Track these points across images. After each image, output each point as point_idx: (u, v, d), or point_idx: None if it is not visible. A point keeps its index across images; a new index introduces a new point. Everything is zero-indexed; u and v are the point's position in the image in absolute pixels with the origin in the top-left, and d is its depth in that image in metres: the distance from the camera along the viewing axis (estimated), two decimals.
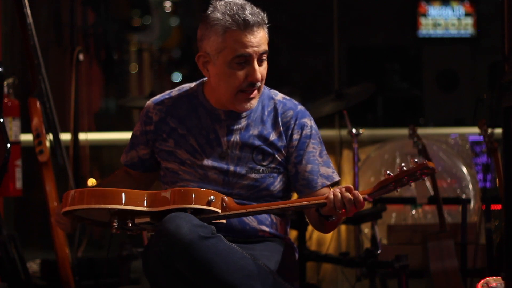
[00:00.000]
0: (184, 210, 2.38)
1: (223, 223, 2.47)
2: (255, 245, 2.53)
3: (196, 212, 2.39)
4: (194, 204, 2.38)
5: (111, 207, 2.38)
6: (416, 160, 2.33)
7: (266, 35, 2.52)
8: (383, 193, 2.38)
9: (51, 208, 3.80)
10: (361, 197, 2.35)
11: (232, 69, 2.50)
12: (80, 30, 5.63)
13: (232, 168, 2.56)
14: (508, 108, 2.16)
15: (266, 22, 2.52)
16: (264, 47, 2.51)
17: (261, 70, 2.52)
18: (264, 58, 2.52)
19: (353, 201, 2.35)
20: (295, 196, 2.74)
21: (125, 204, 2.38)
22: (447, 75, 6.38)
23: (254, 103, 2.56)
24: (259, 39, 2.49)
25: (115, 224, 2.42)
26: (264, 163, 2.57)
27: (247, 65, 2.50)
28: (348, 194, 2.35)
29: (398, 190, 2.37)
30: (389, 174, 2.35)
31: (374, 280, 4.07)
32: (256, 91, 2.54)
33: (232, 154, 2.57)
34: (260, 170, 2.57)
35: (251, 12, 2.47)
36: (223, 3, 2.51)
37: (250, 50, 2.48)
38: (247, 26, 2.47)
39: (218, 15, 2.49)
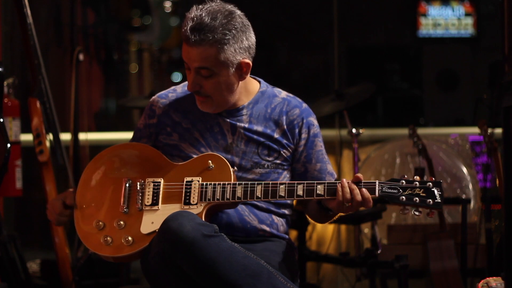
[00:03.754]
0: None
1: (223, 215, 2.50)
2: (255, 245, 2.53)
3: None
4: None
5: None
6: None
7: (212, 53, 2.48)
8: (390, 196, 2.40)
9: None
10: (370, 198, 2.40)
11: (187, 72, 2.57)
12: (80, 30, 5.63)
13: (237, 161, 2.57)
14: (508, 108, 2.16)
15: (218, 39, 2.47)
16: (199, 63, 2.49)
17: (204, 83, 2.53)
18: (204, 74, 2.51)
19: (361, 198, 2.39)
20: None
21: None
22: (447, 75, 6.38)
23: (207, 108, 2.58)
24: (193, 55, 2.50)
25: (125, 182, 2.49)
26: (270, 159, 2.59)
27: (190, 72, 2.55)
28: (357, 193, 2.40)
29: (403, 199, 2.39)
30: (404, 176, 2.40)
31: (374, 280, 4.07)
32: (204, 98, 2.55)
33: (237, 148, 2.59)
34: (266, 166, 2.58)
35: (194, 28, 2.47)
36: (194, 7, 2.53)
37: (186, 59, 2.53)
38: (185, 39, 2.50)
39: (184, 20, 2.54)
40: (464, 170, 5.04)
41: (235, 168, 2.53)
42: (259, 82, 2.68)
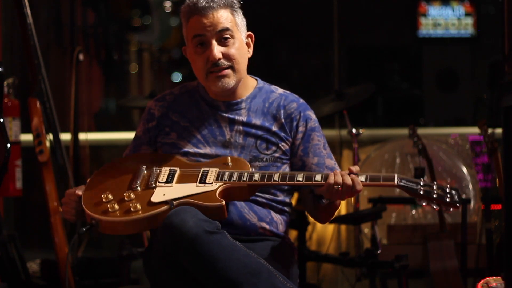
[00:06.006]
0: None
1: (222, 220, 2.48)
2: (255, 244, 2.53)
3: None
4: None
5: None
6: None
7: (229, 15, 2.55)
8: (408, 187, 2.40)
9: (51, 208, 3.80)
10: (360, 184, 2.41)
11: (197, 54, 2.57)
12: (80, 30, 5.63)
13: (236, 156, 2.57)
14: (508, 108, 2.16)
15: (229, 3, 2.55)
16: (222, 25, 2.54)
17: (225, 50, 2.55)
18: (228, 36, 2.55)
19: (351, 184, 2.40)
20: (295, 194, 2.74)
21: None
22: (447, 75, 6.38)
23: (228, 81, 2.57)
24: (212, 19, 2.54)
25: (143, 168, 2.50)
26: (268, 152, 2.59)
27: (206, 47, 2.56)
28: (347, 177, 2.42)
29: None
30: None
31: (374, 280, 4.07)
32: (226, 70, 2.56)
33: (235, 142, 2.59)
34: (264, 159, 2.59)
35: None
36: None
37: (203, 31, 2.55)
38: (197, 10, 2.54)
39: (184, 5, 2.58)
40: (464, 170, 5.04)
41: (254, 169, 2.53)
42: (256, 80, 2.71)
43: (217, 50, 2.54)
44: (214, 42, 2.54)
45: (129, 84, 6.60)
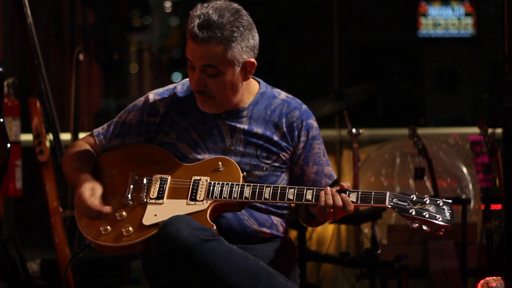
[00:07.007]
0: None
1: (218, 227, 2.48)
2: (256, 246, 2.53)
3: None
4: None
5: None
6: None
7: (219, 51, 2.44)
8: (400, 207, 2.41)
9: (51, 208, 3.80)
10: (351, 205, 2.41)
11: (189, 71, 2.52)
12: (80, 30, 5.63)
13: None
14: (508, 108, 2.16)
15: (225, 37, 2.43)
16: (206, 61, 2.45)
17: (209, 82, 2.48)
18: (210, 72, 2.46)
19: (342, 205, 2.40)
20: None
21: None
22: (447, 75, 6.38)
23: (209, 107, 2.54)
24: (200, 51, 2.44)
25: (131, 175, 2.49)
26: (268, 161, 2.57)
27: (194, 70, 2.50)
28: (338, 198, 2.40)
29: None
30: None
31: (374, 280, 4.07)
32: (208, 97, 2.51)
33: (235, 150, 2.57)
34: (264, 168, 2.57)
35: (202, 25, 2.43)
36: (199, 5, 2.49)
37: (191, 57, 2.48)
38: (192, 34, 2.45)
39: (190, 15, 2.50)
40: (464, 170, 5.04)
41: (245, 173, 2.52)
42: (259, 82, 2.65)
43: (199, 82, 2.48)
44: (198, 72, 2.47)
45: (129, 84, 6.60)
